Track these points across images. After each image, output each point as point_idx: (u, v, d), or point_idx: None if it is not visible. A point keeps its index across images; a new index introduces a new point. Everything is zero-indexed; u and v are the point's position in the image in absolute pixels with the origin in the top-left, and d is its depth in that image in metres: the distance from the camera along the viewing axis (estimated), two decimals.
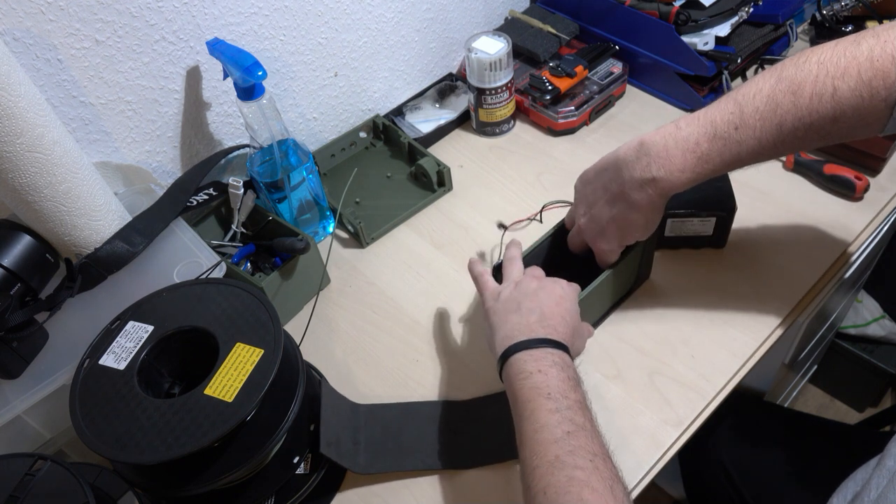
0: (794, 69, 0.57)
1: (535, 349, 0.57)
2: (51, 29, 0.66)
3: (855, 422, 1.43)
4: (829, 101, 0.55)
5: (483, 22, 1.09)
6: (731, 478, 0.86)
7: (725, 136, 0.58)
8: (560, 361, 0.57)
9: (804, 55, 0.57)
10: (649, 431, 0.66)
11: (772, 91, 0.57)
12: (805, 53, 0.57)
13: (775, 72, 0.58)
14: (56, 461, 0.56)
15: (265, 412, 0.55)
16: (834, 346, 1.44)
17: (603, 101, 1.00)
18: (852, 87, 0.54)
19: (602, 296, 0.72)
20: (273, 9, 0.82)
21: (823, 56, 0.56)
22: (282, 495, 0.61)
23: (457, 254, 0.86)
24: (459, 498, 0.64)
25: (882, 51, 0.53)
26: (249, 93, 0.74)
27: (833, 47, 0.56)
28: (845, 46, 0.55)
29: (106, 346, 0.57)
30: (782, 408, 1.01)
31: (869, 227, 0.81)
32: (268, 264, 0.81)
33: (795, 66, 0.57)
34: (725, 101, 0.60)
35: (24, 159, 0.59)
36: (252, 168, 0.82)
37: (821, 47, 0.56)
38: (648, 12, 0.96)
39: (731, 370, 0.70)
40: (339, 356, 0.77)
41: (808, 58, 0.56)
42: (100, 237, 0.68)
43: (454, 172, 0.94)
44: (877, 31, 0.55)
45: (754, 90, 0.58)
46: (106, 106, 0.75)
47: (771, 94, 0.57)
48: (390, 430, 0.68)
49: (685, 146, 0.60)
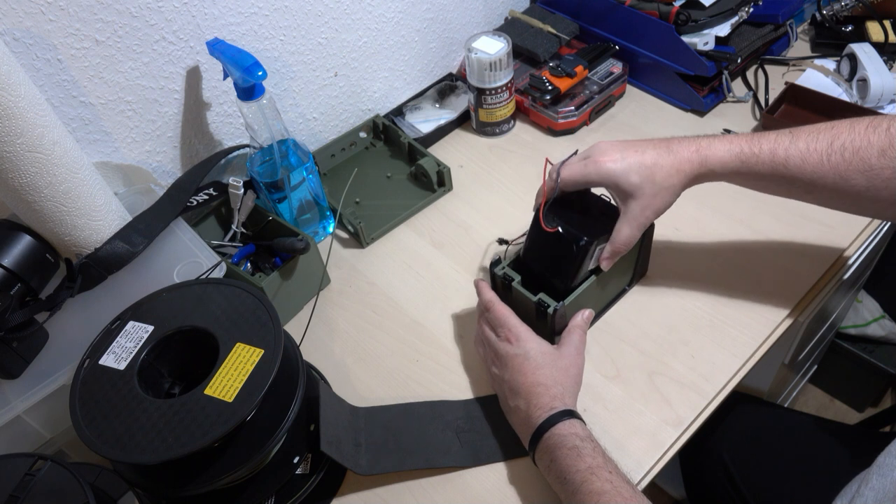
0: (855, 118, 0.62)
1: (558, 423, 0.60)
2: (51, 29, 0.66)
3: (855, 422, 1.43)
4: (883, 133, 0.58)
5: (483, 22, 1.09)
6: (731, 478, 0.86)
7: (780, 132, 0.62)
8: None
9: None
10: (649, 431, 0.66)
11: (832, 121, 0.62)
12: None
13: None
14: (56, 461, 0.56)
15: (265, 412, 0.55)
16: (834, 346, 1.43)
17: (603, 101, 1.00)
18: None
19: (594, 297, 0.72)
20: (273, 9, 0.82)
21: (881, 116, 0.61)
22: (282, 495, 0.60)
23: (457, 254, 0.86)
24: (459, 498, 0.64)
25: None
26: (249, 93, 0.74)
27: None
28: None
29: (106, 346, 0.57)
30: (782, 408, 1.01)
31: (869, 227, 0.81)
32: (268, 264, 0.81)
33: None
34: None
35: (24, 159, 0.59)
36: (252, 168, 0.82)
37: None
38: (648, 12, 0.96)
39: (731, 370, 0.70)
40: (339, 356, 0.77)
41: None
42: (100, 237, 0.68)
43: (454, 172, 0.94)
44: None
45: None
46: (106, 106, 0.75)
47: (831, 122, 0.62)
48: (391, 430, 0.68)
49: (739, 134, 0.64)
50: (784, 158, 0.61)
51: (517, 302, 0.70)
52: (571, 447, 0.57)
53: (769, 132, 0.63)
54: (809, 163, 0.60)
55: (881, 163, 0.58)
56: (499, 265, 0.71)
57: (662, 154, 0.64)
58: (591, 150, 0.67)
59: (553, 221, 0.67)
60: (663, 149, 0.64)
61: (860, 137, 0.59)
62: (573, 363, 0.66)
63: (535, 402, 0.62)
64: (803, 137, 0.61)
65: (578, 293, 0.68)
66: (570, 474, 0.56)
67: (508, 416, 0.67)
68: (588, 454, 0.57)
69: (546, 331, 0.68)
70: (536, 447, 0.60)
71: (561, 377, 0.64)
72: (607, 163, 0.64)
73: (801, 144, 0.61)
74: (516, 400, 0.64)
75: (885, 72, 0.92)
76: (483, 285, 0.73)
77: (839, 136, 0.60)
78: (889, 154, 0.58)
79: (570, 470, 0.56)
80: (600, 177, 0.65)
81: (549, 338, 0.68)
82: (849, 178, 0.59)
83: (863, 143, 0.59)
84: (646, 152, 0.64)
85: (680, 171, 0.63)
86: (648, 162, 0.63)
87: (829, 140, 0.60)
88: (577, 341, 0.68)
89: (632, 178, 0.63)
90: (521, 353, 0.65)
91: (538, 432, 0.60)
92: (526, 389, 0.63)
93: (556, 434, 0.59)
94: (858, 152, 0.59)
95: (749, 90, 1.01)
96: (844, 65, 0.98)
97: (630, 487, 0.55)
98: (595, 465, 0.56)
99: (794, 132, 0.62)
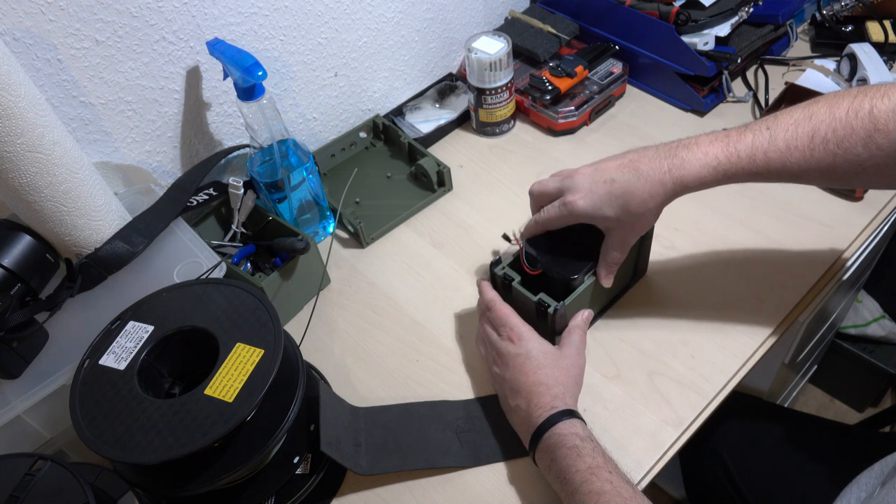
0: (833, 92, 0.58)
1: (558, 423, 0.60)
2: (51, 29, 0.66)
3: (855, 422, 1.43)
4: (865, 117, 0.54)
5: (483, 22, 1.09)
6: (731, 478, 0.86)
7: (755, 130, 0.58)
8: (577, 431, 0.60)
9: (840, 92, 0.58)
10: (649, 431, 0.66)
11: (808, 105, 0.57)
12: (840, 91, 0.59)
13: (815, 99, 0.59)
14: (56, 461, 0.56)
15: (265, 412, 0.55)
16: (834, 346, 1.43)
17: (603, 101, 1.00)
18: (891, 106, 0.54)
19: (594, 297, 0.72)
20: (273, 9, 0.82)
21: (861, 88, 0.56)
22: (282, 495, 0.60)
23: (457, 254, 0.86)
24: (459, 498, 0.64)
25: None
26: (249, 93, 0.74)
27: (873, 85, 0.57)
28: (889, 85, 0.56)
29: (106, 346, 0.57)
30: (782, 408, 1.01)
31: (869, 227, 0.81)
32: (268, 264, 0.81)
33: (834, 91, 0.58)
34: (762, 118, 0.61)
35: (24, 159, 0.59)
36: (252, 168, 0.82)
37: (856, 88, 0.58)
38: (648, 12, 0.96)
39: (731, 370, 0.70)
40: (339, 356, 0.77)
41: (846, 90, 0.58)
42: (100, 237, 0.68)
43: (454, 172, 0.94)
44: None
45: (793, 107, 0.58)
46: (106, 106, 0.75)
47: (807, 106, 0.57)
48: (391, 430, 0.68)
49: (713, 135, 0.59)
50: (765, 162, 0.57)
51: (517, 302, 0.70)
52: (571, 447, 0.57)
53: (745, 127, 0.59)
54: (792, 161, 0.57)
55: (868, 152, 0.54)
56: (499, 265, 0.71)
57: (632, 179, 0.60)
58: (565, 184, 0.65)
59: (536, 257, 0.69)
60: (632, 172, 0.61)
61: (842, 126, 0.55)
62: (574, 363, 0.66)
63: (536, 401, 0.62)
64: (781, 134, 0.57)
65: (578, 293, 0.68)
66: (570, 474, 0.56)
67: (509, 415, 0.67)
68: (588, 454, 0.57)
69: (546, 331, 0.68)
70: (536, 446, 0.61)
71: (562, 377, 0.64)
72: (578, 201, 0.63)
73: (780, 144, 0.57)
74: (517, 399, 0.64)
75: (885, 72, 0.92)
76: (485, 285, 0.73)
77: (819, 128, 0.56)
78: (876, 140, 0.54)
79: (569, 469, 0.56)
80: (575, 217, 0.65)
81: (549, 338, 0.68)
82: (836, 168, 0.56)
83: (846, 132, 0.55)
84: (615, 181, 0.61)
85: (654, 196, 0.60)
86: (618, 191, 0.61)
87: (810, 133, 0.56)
88: (578, 341, 0.68)
89: (605, 211, 0.62)
90: (523, 352, 0.65)
91: (538, 431, 0.60)
92: (527, 389, 0.63)
93: (556, 433, 0.59)
94: (842, 143, 0.55)
95: (749, 90, 1.01)
96: (844, 65, 0.98)
97: (630, 487, 0.55)
98: (595, 464, 0.56)
99: (771, 127, 0.58)
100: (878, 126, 0.54)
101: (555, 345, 0.68)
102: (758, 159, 0.57)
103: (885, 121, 0.54)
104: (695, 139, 0.60)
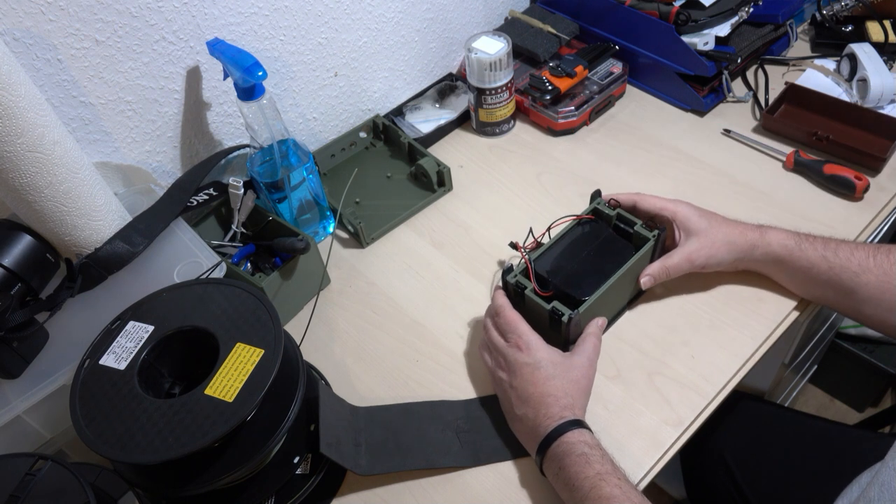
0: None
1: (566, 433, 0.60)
2: (51, 29, 0.66)
3: (855, 422, 1.43)
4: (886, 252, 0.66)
5: (483, 22, 1.09)
6: (732, 478, 0.86)
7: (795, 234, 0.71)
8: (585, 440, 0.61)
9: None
10: (649, 431, 0.66)
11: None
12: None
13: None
14: (56, 461, 0.56)
15: (265, 412, 0.55)
16: (834, 346, 1.43)
17: (603, 101, 1.00)
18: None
19: (607, 304, 0.72)
20: (273, 9, 0.82)
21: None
22: (282, 495, 0.60)
23: (457, 254, 0.86)
24: (459, 498, 0.64)
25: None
26: (249, 93, 0.74)
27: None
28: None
29: (106, 346, 0.57)
30: (783, 407, 1.01)
31: (869, 227, 0.81)
32: (268, 264, 0.81)
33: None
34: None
35: (24, 159, 0.59)
36: (252, 168, 0.82)
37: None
38: (648, 12, 0.96)
39: (731, 370, 0.70)
40: (339, 356, 0.77)
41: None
42: (100, 237, 0.68)
43: (454, 172, 0.94)
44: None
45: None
46: (106, 106, 0.75)
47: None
48: (391, 430, 0.68)
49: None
50: (797, 241, 0.70)
51: (530, 310, 0.69)
52: (580, 454, 0.57)
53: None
54: (812, 253, 0.69)
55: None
56: (511, 273, 0.70)
57: (733, 226, 0.73)
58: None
59: (547, 279, 0.69)
60: (734, 224, 0.73)
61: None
62: (584, 374, 0.66)
63: (545, 411, 0.62)
64: (809, 242, 0.70)
65: (592, 301, 0.67)
66: (579, 481, 0.56)
67: (512, 422, 0.66)
68: (597, 461, 0.57)
69: (559, 339, 0.68)
70: (545, 455, 0.60)
71: (571, 388, 0.64)
72: (685, 209, 0.73)
73: (811, 252, 0.69)
74: (524, 409, 0.64)
75: (885, 72, 0.92)
76: (498, 292, 0.72)
77: (842, 245, 0.69)
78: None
79: (578, 476, 0.56)
80: (674, 215, 0.74)
81: (562, 346, 0.68)
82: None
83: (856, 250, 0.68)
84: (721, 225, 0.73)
85: (743, 234, 0.72)
86: (719, 222, 0.73)
87: (835, 245, 0.69)
88: (591, 350, 0.67)
89: (701, 222, 0.72)
90: (532, 362, 0.65)
91: (546, 440, 0.60)
92: (536, 399, 0.63)
93: (565, 442, 0.59)
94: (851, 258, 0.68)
95: (749, 90, 1.01)
96: (844, 65, 0.98)
97: (639, 495, 0.55)
98: (604, 471, 0.56)
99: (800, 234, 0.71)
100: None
101: (566, 352, 0.68)
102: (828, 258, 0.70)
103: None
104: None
